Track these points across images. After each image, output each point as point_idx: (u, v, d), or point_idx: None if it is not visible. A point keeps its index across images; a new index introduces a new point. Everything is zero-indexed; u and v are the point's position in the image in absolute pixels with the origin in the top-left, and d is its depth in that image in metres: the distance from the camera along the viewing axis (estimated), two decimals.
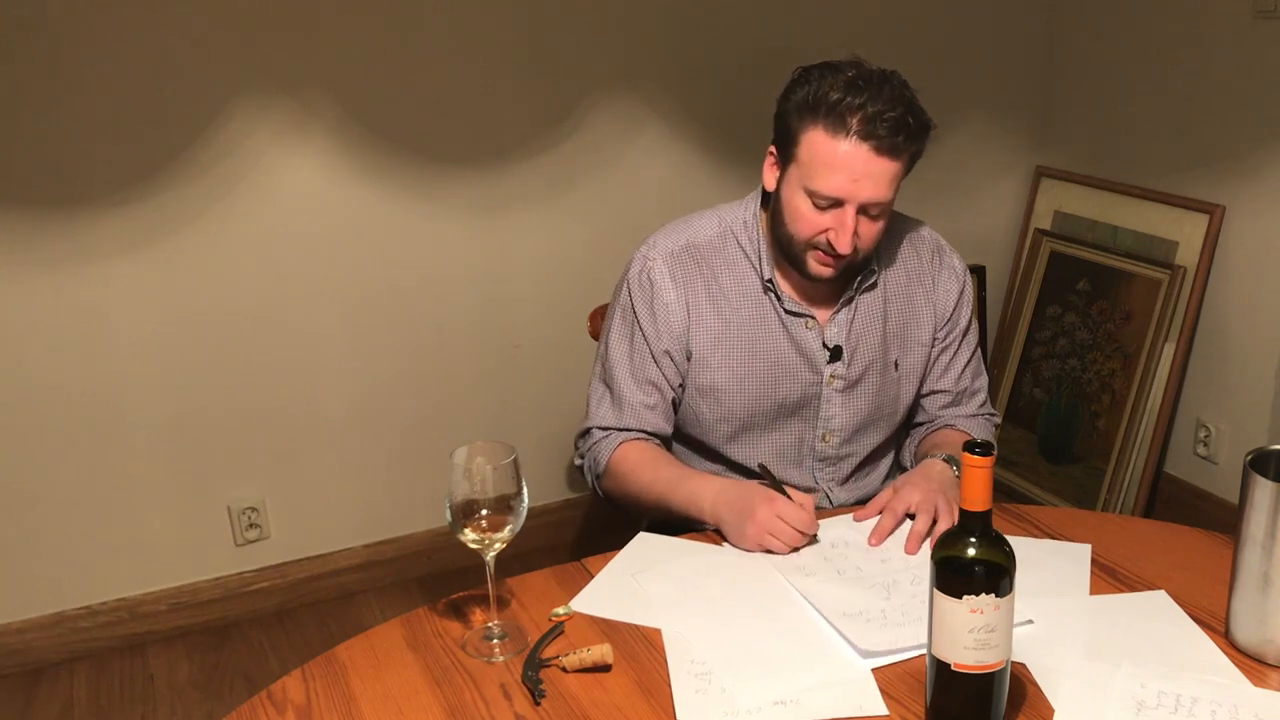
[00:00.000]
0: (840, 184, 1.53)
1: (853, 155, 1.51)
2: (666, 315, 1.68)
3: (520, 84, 2.64)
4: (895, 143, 1.51)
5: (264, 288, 2.55)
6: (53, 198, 2.34)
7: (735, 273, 1.69)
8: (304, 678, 1.27)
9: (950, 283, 1.77)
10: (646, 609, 1.37)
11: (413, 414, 2.76)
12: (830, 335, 1.70)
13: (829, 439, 1.74)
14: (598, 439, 1.73)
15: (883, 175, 1.53)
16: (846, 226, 1.55)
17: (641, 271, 1.70)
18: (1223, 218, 2.74)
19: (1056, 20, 3.15)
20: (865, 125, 1.50)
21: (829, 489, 1.76)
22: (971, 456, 1.05)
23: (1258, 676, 1.21)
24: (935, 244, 1.79)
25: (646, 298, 1.69)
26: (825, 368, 1.70)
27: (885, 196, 1.55)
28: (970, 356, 1.81)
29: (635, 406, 1.71)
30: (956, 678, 1.09)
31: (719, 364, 1.69)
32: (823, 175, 1.54)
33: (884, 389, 1.74)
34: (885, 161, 1.52)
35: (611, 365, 1.73)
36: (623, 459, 1.69)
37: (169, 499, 2.59)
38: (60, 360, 2.42)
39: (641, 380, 1.71)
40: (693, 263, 1.69)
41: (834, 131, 1.52)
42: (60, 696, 2.46)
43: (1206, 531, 1.52)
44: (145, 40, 2.31)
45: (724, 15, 2.76)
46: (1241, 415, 2.78)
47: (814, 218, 1.57)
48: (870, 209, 1.56)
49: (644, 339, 1.69)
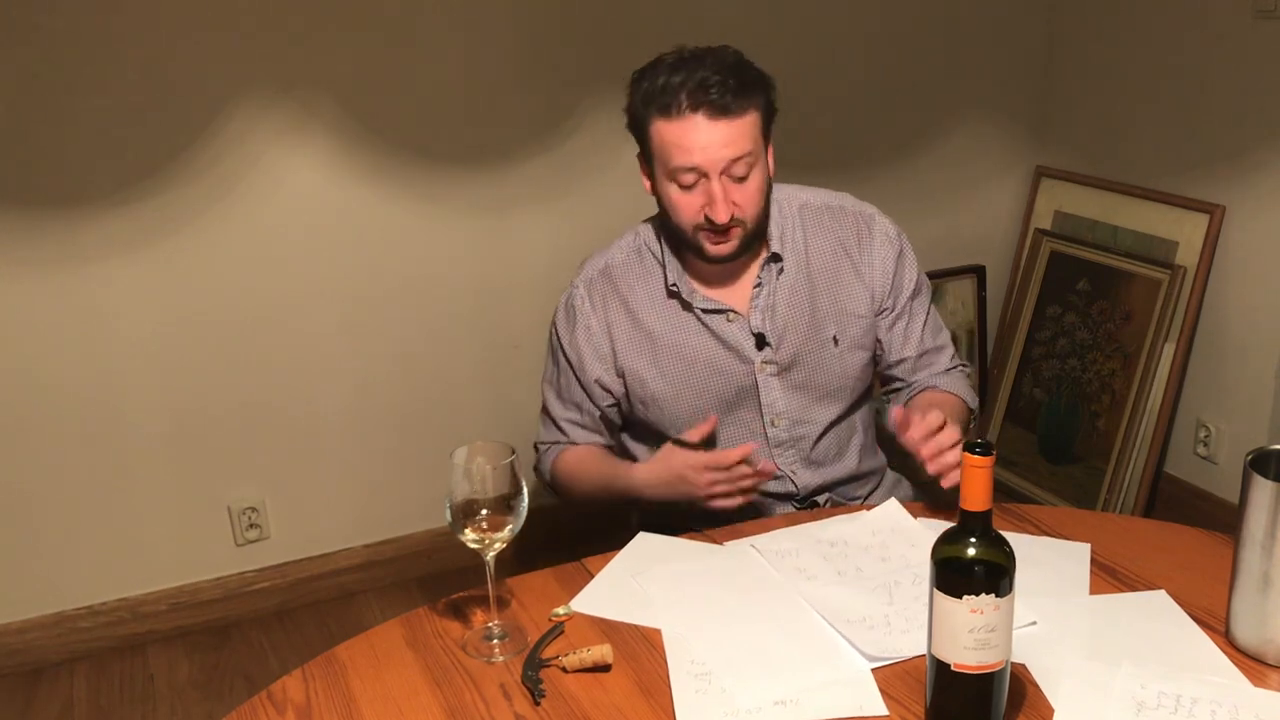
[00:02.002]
0: (691, 157, 1.59)
1: (691, 128, 1.58)
2: (589, 340, 1.77)
3: (520, 84, 2.64)
4: (726, 103, 1.57)
5: (264, 287, 2.55)
6: (53, 198, 2.34)
7: (649, 285, 1.76)
8: (304, 678, 1.27)
9: (884, 249, 1.78)
10: (646, 609, 1.37)
11: (413, 414, 2.76)
12: (754, 323, 1.73)
13: (778, 423, 1.76)
14: (541, 453, 1.88)
15: (727, 136, 1.58)
16: (716, 196, 1.60)
17: (566, 300, 1.80)
18: (1223, 218, 2.74)
19: (1056, 20, 3.14)
20: (692, 97, 1.57)
21: (793, 472, 1.77)
22: (972, 456, 1.05)
23: (1258, 676, 1.21)
24: (860, 214, 1.80)
25: (570, 325, 1.78)
26: (755, 356, 1.73)
27: (741, 150, 1.59)
28: (925, 317, 1.82)
29: (562, 424, 1.84)
30: (956, 678, 1.09)
31: (653, 375, 1.74)
32: (675, 156, 1.60)
33: (824, 365, 1.76)
34: (724, 124, 1.57)
35: (544, 388, 1.86)
36: (562, 467, 1.83)
37: (169, 499, 2.59)
38: (60, 360, 2.42)
39: (567, 401, 1.82)
40: (609, 284, 1.77)
41: (668, 114, 1.59)
42: (60, 696, 2.46)
43: (1206, 531, 1.52)
44: (145, 40, 2.31)
45: (723, 16, 2.76)
46: (1241, 415, 2.78)
47: (687, 199, 1.63)
48: (734, 168, 1.60)
49: (568, 364, 1.79)
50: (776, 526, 1.55)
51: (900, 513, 1.57)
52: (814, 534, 1.52)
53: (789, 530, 1.53)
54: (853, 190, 1.84)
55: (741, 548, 1.50)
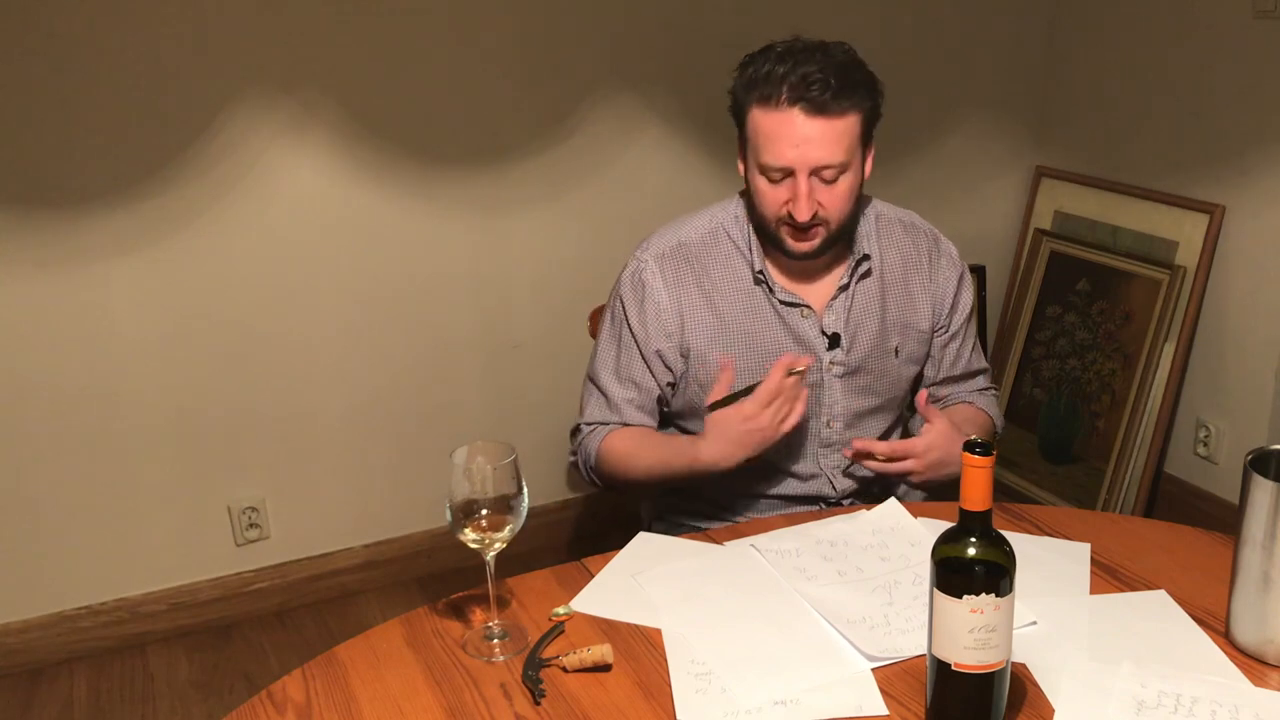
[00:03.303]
0: (782, 152, 1.57)
1: (787, 121, 1.56)
2: (658, 315, 1.72)
3: (520, 84, 2.64)
4: (825, 101, 1.54)
5: (264, 287, 2.55)
6: (53, 198, 2.34)
7: (727, 268, 1.73)
8: (304, 678, 1.27)
9: (949, 270, 1.81)
10: (646, 609, 1.37)
11: (413, 414, 2.76)
12: (828, 323, 1.73)
13: (833, 425, 1.76)
14: (585, 434, 1.79)
15: (823, 136, 1.56)
16: (800, 194, 1.58)
17: (634, 273, 1.75)
18: (1223, 218, 2.74)
19: (1056, 20, 3.15)
20: (793, 91, 1.55)
21: (832, 476, 1.77)
22: (971, 456, 1.05)
23: (1258, 676, 1.21)
24: (931, 233, 1.83)
25: (638, 299, 1.73)
26: (824, 354, 1.73)
27: (834, 158, 1.57)
28: (974, 340, 1.87)
29: (618, 403, 1.77)
30: (957, 677, 1.09)
31: (718, 358, 1.72)
32: (767, 148, 1.58)
33: (884, 375, 1.78)
34: (821, 122, 1.55)
35: (598, 365, 1.80)
36: (609, 449, 1.75)
37: (169, 499, 2.59)
38: (60, 360, 2.42)
39: (624, 379, 1.76)
40: (684, 262, 1.73)
41: (768, 104, 1.57)
42: (60, 696, 2.46)
43: (1206, 531, 1.52)
44: (145, 40, 2.31)
45: (723, 15, 2.76)
46: (1241, 415, 2.78)
47: (773, 193, 1.61)
48: (823, 173, 1.58)
49: (632, 339, 1.74)
50: (776, 526, 1.55)
51: (900, 512, 1.57)
52: (814, 533, 1.52)
53: (789, 530, 1.53)
54: None
55: (742, 548, 1.49)
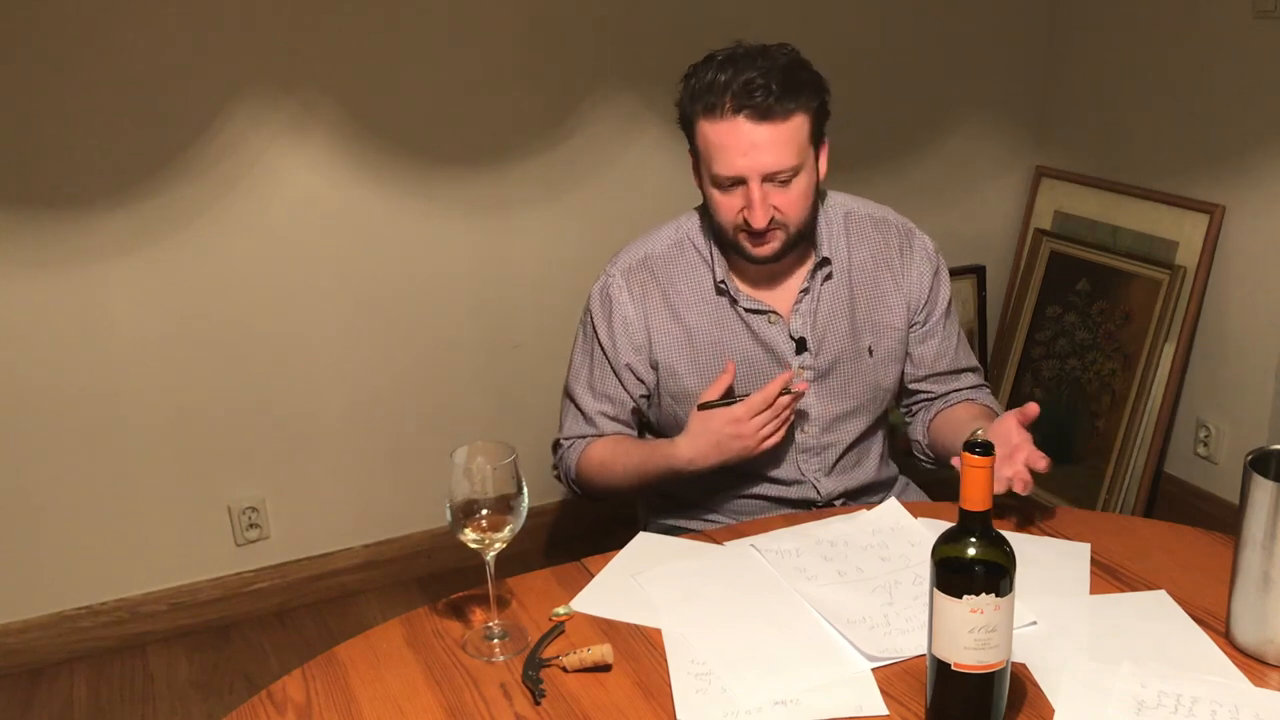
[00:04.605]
0: (732, 161, 1.56)
1: (733, 130, 1.55)
2: (626, 329, 1.73)
3: (520, 84, 2.64)
4: (770, 106, 1.53)
5: (264, 287, 2.55)
6: (53, 198, 2.34)
7: (692, 279, 1.73)
8: (304, 678, 1.27)
9: (923, 265, 1.78)
10: (646, 609, 1.37)
11: (413, 414, 2.76)
12: (795, 327, 1.72)
13: (808, 430, 1.75)
14: (564, 449, 1.81)
15: (771, 141, 1.55)
16: (754, 201, 1.57)
17: (602, 288, 1.76)
18: (1223, 218, 2.74)
19: (1057, 21, 3.14)
20: (736, 98, 1.54)
21: (816, 480, 1.77)
22: (971, 456, 1.05)
23: (1258, 676, 1.21)
24: (902, 228, 1.80)
25: (606, 314, 1.75)
26: (793, 359, 1.72)
27: (784, 162, 1.56)
28: (959, 334, 1.84)
29: (593, 416, 1.78)
30: (956, 677, 1.09)
31: (687, 370, 1.73)
32: (717, 159, 1.57)
33: (858, 376, 1.76)
34: (768, 127, 1.54)
35: (572, 380, 1.81)
36: (588, 460, 1.77)
37: (169, 499, 2.59)
38: (60, 360, 2.41)
39: (598, 393, 1.78)
40: (649, 275, 1.74)
41: (713, 114, 1.56)
42: (60, 696, 2.46)
43: (1206, 531, 1.52)
44: (145, 40, 2.31)
45: (723, 15, 2.76)
46: (1241, 415, 2.78)
47: (727, 201, 1.61)
48: (776, 177, 1.57)
49: (603, 354, 1.75)
50: (776, 526, 1.55)
51: (900, 512, 1.57)
52: (814, 534, 1.52)
53: (789, 530, 1.53)
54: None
55: (741, 548, 1.49)
